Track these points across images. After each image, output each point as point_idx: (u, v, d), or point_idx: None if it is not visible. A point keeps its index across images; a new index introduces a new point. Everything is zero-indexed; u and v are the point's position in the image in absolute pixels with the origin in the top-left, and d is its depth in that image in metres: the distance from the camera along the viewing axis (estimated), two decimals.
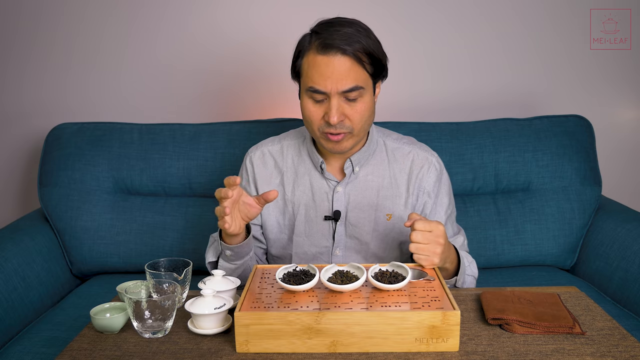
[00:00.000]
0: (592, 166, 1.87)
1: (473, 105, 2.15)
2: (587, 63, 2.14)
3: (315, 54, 1.25)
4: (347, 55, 1.23)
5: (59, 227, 1.84)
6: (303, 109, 1.31)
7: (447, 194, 1.44)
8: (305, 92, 1.29)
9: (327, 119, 1.27)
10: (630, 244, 1.66)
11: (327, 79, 1.24)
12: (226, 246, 1.29)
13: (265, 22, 2.10)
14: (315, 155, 1.40)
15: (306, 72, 1.28)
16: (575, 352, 0.98)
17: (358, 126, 1.29)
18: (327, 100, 1.27)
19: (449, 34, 2.11)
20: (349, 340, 0.98)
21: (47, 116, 2.16)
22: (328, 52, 1.23)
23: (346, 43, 1.23)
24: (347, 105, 1.27)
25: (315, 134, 1.32)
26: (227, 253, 1.31)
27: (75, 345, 1.03)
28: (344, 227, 1.40)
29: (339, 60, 1.23)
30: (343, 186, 1.40)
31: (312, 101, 1.28)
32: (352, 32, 1.24)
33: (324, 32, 1.25)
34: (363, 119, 1.29)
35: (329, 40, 1.23)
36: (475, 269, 1.40)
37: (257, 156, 1.46)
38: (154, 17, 2.10)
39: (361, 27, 1.28)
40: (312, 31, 1.29)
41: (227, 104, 2.17)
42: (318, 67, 1.24)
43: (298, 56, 1.31)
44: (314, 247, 1.42)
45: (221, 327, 1.05)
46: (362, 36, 1.25)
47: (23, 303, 1.58)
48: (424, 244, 1.17)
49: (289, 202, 1.42)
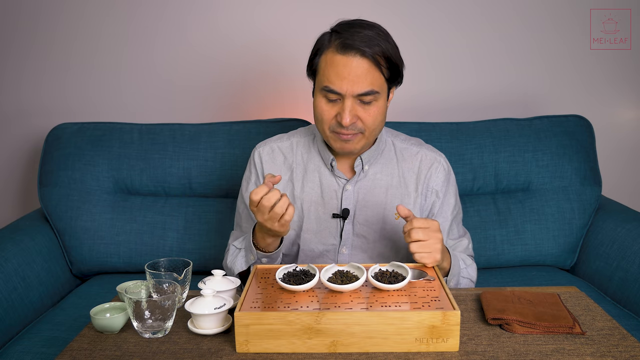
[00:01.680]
0: (592, 166, 1.87)
1: (473, 105, 2.15)
2: (587, 63, 2.14)
3: (334, 53, 1.24)
4: (366, 57, 1.22)
5: (59, 227, 1.84)
6: (315, 107, 1.30)
7: (453, 194, 1.44)
8: (320, 90, 1.28)
9: (339, 120, 1.26)
10: (630, 244, 1.66)
11: (344, 80, 1.23)
12: (263, 254, 1.31)
13: (266, 23, 2.10)
14: (326, 152, 1.39)
15: (323, 70, 1.27)
16: (575, 352, 0.98)
17: (370, 129, 1.29)
18: (340, 101, 1.26)
19: (449, 35, 2.11)
20: (349, 340, 0.98)
21: (47, 116, 2.16)
22: (347, 52, 1.22)
23: (366, 45, 1.22)
24: (360, 108, 1.26)
25: (325, 132, 1.31)
26: (264, 261, 1.33)
27: (75, 345, 1.03)
28: (352, 225, 1.40)
29: (358, 61, 1.23)
30: (352, 184, 1.39)
31: (326, 100, 1.28)
32: (372, 35, 1.24)
33: (345, 32, 1.24)
34: (376, 122, 1.29)
35: (349, 40, 1.22)
36: (474, 272, 1.40)
37: (265, 151, 1.45)
38: (153, 16, 2.10)
39: (381, 30, 1.27)
40: (333, 30, 1.28)
41: (227, 104, 2.17)
42: (336, 67, 1.24)
43: (316, 54, 1.29)
44: (321, 244, 1.41)
45: (221, 327, 1.05)
46: (382, 40, 1.24)
47: (23, 303, 1.58)
48: (425, 241, 1.17)
49: (297, 199, 1.42)
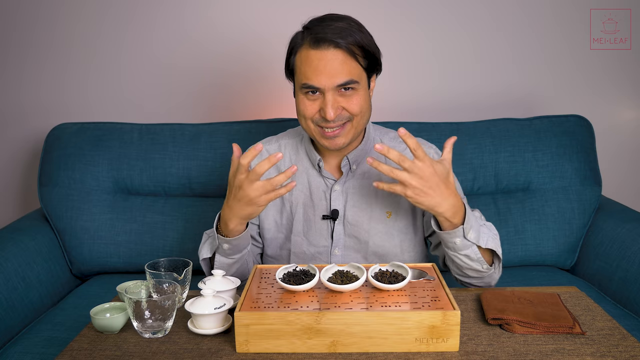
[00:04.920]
0: (592, 166, 1.87)
1: (473, 105, 2.15)
2: (587, 63, 2.13)
3: (308, 49, 1.24)
4: (341, 48, 1.22)
5: (59, 227, 1.84)
6: (298, 106, 1.30)
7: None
8: (300, 89, 1.28)
9: (323, 115, 1.26)
10: (630, 244, 1.66)
11: (321, 74, 1.23)
12: (224, 239, 1.27)
13: (265, 22, 2.10)
14: (312, 153, 1.39)
15: (299, 68, 1.27)
16: (575, 352, 0.98)
17: (357, 117, 1.28)
18: (321, 97, 1.26)
19: (449, 35, 2.11)
20: (349, 340, 0.98)
21: (46, 116, 2.16)
22: (320, 45, 1.22)
23: (339, 36, 1.22)
24: (342, 99, 1.26)
25: (310, 130, 1.31)
26: (225, 247, 1.29)
27: (75, 345, 1.03)
28: (343, 226, 1.39)
29: (332, 53, 1.22)
30: (340, 184, 1.39)
31: (307, 98, 1.27)
32: (344, 26, 1.24)
33: (316, 27, 1.24)
34: (362, 111, 1.28)
35: (321, 34, 1.22)
36: (495, 230, 1.29)
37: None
38: (153, 16, 2.10)
39: (353, 21, 1.27)
40: (304, 27, 1.28)
41: (227, 104, 2.17)
42: (311, 62, 1.23)
43: (291, 53, 1.29)
44: (312, 246, 1.41)
45: (221, 327, 1.05)
46: (354, 30, 1.24)
47: (23, 303, 1.58)
48: (415, 186, 1.13)
49: (286, 201, 1.41)
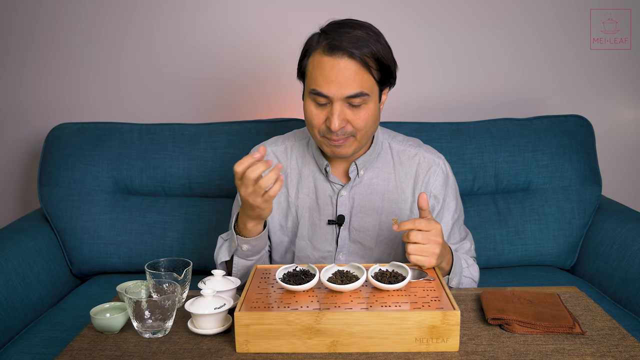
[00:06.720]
0: (592, 166, 1.87)
1: (473, 105, 2.15)
2: (587, 63, 2.13)
3: (321, 55, 1.21)
4: (354, 59, 1.19)
5: (59, 227, 1.84)
6: (305, 111, 1.27)
7: (454, 197, 1.41)
8: (309, 94, 1.24)
9: (328, 124, 1.23)
10: (630, 244, 1.66)
11: (331, 83, 1.19)
12: (244, 240, 1.26)
13: (265, 22, 2.10)
14: (320, 158, 1.36)
15: (310, 72, 1.23)
16: (575, 352, 0.98)
17: (361, 132, 1.25)
18: (329, 105, 1.22)
19: (449, 36, 2.11)
20: (349, 340, 0.98)
21: (46, 116, 2.16)
22: (334, 54, 1.19)
23: (354, 46, 1.18)
24: (349, 111, 1.22)
25: (316, 137, 1.29)
26: (244, 248, 1.27)
27: (75, 345, 1.03)
28: (348, 231, 1.37)
29: (345, 63, 1.19)
30: (347, 190, 1.36)
31: (315, 104, 1.24)
32: (361, 35, 1.20)
33: (333, 33, 1.21)
34: (367, 126, 1.25)
35: (336, 41, 1.19)
36: (476, 272, 1.38)
37: None
38: (153, 16, 2.10)
39: (372, 30, 1.23)
40: (321, 31, 1.25)
41: (227, 104, 2.17)
42: (323, 69, 1.20)
43: (305, 55, 1.26)
44: (316, 251, 1.39)
45: (221, 327, 1.05)
46: (371, 40, 1.21)
47: (23, 303, 1.58)
48: (423, 244, 1.14)
49: (292, 205, 1.39)
